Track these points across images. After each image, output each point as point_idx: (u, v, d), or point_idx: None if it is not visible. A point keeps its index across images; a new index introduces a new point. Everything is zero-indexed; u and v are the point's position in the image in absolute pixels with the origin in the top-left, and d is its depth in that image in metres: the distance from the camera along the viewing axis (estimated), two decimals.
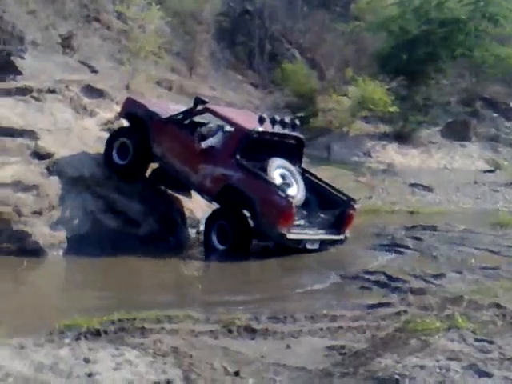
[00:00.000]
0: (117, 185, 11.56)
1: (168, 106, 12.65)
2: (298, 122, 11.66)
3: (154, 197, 11.82)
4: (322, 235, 11.06)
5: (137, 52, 18.01)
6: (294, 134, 11.54)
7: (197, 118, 11.64)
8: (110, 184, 11.50)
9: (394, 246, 11.41)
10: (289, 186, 10.91)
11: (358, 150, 21.65)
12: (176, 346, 5.48)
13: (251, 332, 6.10)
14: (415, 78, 24.00)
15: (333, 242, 11.21)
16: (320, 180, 11.95)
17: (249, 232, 10.66)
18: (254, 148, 10.97)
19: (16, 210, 10.14)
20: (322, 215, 11.28)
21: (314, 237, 10.92)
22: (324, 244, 11.06)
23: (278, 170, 10.98)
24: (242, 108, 17.06)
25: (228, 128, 11.25)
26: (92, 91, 13.67)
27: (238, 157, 10.74)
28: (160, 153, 11.54)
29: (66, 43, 17.21)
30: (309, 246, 10.77)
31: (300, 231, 10.76)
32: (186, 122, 11.49)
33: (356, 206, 11.49)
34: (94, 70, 16.27)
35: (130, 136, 11.81)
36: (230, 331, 6.09)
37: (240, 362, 5.26)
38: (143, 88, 17.12)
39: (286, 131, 11.37)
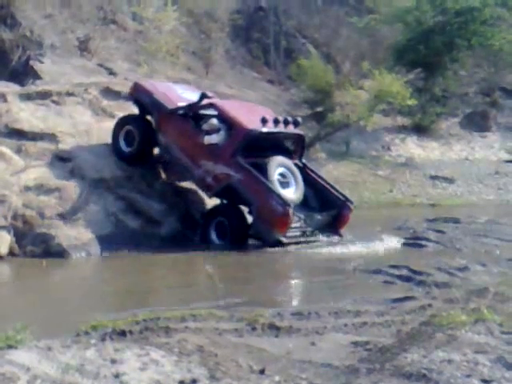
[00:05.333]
0: (137, 185, 11.65)
1: (176, 91, 12.55)
2: (299, 120, 11.88)
3: (174, 196, 11.87)
4: (317, 237, 11.30)
5: (153, 53, 18.07)
6: (294, 131, 11.73)
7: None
8: (131, 185, 11.59)
9: (416, 239, 11.36)
10: (288, 184, 11.13)
11: (377, 144, 21.53)
12: (201, 344, 5.49)
13: (275, 329, 6.09)
14: (432, 70, 23.83)
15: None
16: (320, 177, 12.13)
17: (246, 228, 10.97)
18: (256, 145, 11.13)
19: (39, 213, 10.26)
20: (318, 217, 11.45)
21: (309, 239, 11.17)
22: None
23: (278, 168, 11.15)
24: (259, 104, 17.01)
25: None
26: (110, 93, 13.74)
27: (239, 157, 10.91)
28: (164, 143, 11.72)
29: (84, 46, 17.31)
30: None
31: (295, 235, 11.03)
32: (191, 114, 11.56)
33: (352, 207, 11.70)
34: (111, 72, 16.36)
35: (135, 124, 12.00)
36: (254, 329, 6.08)
37: (265, 360, 5.26)
38: None
39: (288, 129, 11.52)
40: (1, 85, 13.43)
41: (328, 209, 11.59)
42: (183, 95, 12.26)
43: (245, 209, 11.21)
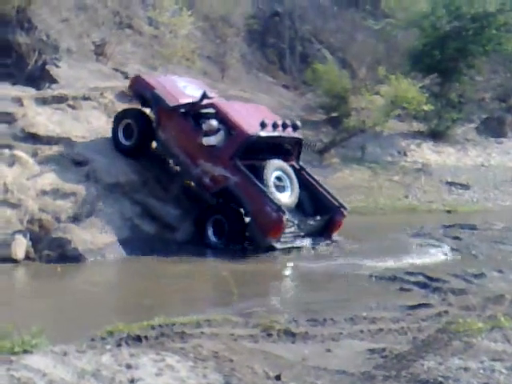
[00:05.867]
0: (153, 190, 11.68)
1: (178, 85, 12.55)
2: (299, 123, 11.97)
3: (189, 201, 11.87)
4: (309, 242, 11.34)
5: (169, 57, 18.12)
6: (293, 135, 11.83)
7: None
8: (146, 189, 11.62)
9: (432, 246, 11.31)
10: (284, 188, 11.27)
11: (393, 149, 21.43)
12: (216, 350, 5.49)
13: (291, 335, 6.08)
14: (448, 75, 23.71)
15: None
16: (315, 181, 12.22)
17: (244, 227, 11.02)
18: (254, 148, 11.29)
19: (55, 217, 10.29)
20: (311, 222, 11.53)
21: (302, 244, 11.22)
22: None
23: (275, 172, 11.26)
24: (274, 109, 17.00)
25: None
26: (126, 97, 13.76)
27: (237, 160, 11.02)
28: (164, 138, 11.85)
29: (100, 50, 17.37)
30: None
31: (288, 240, 11.09)
32: (191, 113, 11.65)
33: (345, 213, 11.74)
34: (127, 77, 16.40)
35: (134, 118, 12.12)
36: (270, 335, 6.08)
37: (281, 366, 5.25)
38: None
39: (286, 133, 11.62)
40: (17, 89, 13.50)
41: (321, 213, 11.68)
42: (186, 91, 12.35)
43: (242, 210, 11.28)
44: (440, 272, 9.05)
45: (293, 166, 11.83)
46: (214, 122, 11.27)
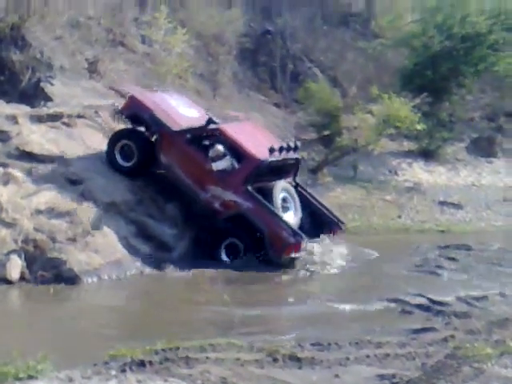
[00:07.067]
0: (148, 209, 11.58)
1: (171, 105, 12.38)
2: (299, 145, 12.21)
3: (185, 220, 11.77)
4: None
5: (164, 75, 18.07)
6: (294, 155, 12.06)
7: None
8: (142, 208, 11.52)
9: (429, 267, 11.26)
10: (288, 209, 11.52)
11: (384, 169, 21.42)
12: (224, 376, 5.41)
13: (297, 361, 5.99)
14: (439, 95, 23.80)
15: None
16: (312, 197, 12.51)
17: (259, 248, 11.08)
18: (261, 171, 11.43)
19: (50, 237, 10.13)
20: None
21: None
22: None
23: (281, 193, 11.50)
24: (266, 128, 16.92)
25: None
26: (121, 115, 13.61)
27: (249, 186, 11.13)
28: (167, 162, 11.76)
29: (92, 68, 17.27)
30: None
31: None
32: (196, 138, 11.64)
33: (343, 228, 12.26)
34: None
35: (133, 139, 11.96)
36: (276, 360, 5.99)
37: None
38: None
39: (289, 155, 11.81)
40: (11, 107, 13.35)
41: (321, 228, 12.06)
42: (180, 111, 12.31)
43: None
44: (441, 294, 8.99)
45: (291, 184, 12.04)
46: (220, 148, 11.26)
